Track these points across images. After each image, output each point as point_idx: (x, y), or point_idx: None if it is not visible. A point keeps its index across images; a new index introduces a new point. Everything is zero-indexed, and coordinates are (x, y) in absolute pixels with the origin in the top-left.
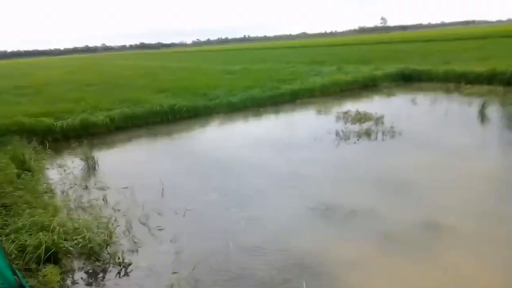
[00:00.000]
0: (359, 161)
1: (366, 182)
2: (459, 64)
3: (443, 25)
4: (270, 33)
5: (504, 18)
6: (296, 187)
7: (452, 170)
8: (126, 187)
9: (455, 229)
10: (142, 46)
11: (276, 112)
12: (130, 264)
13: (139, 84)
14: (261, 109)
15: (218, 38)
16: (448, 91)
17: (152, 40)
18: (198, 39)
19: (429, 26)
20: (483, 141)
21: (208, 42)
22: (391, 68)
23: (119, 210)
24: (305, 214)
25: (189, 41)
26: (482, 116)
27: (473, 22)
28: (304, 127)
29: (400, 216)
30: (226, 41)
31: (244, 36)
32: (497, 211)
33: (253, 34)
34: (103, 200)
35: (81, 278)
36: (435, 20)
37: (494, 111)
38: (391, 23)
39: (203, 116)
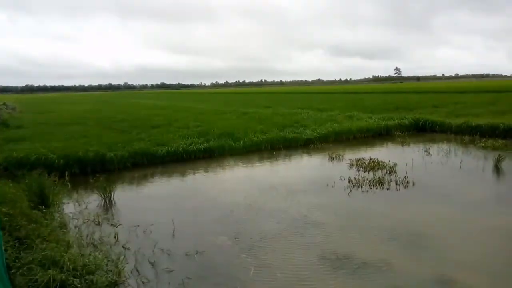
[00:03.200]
0: (371, 210)
1: (379, 233)
2: (473, 117)
3: (457, 77)
4: (287, 78)
5: None
6: (308, 234)
7: (466, 224)
8: (137, 225)
9: (471, 287)
10: (163, 86)
11: (290, 156)
12: None
13: (156, 123)
14: (275, 153)
15: (236, 81)
16: (462, 143)
17: (173, 81)
18: (216, 81)
19: (443, 77)
20: (498, 195)
21: (226, 84)
22: (405, 117)
23: (129, 249)
24: (316, 263)
25: (207, 83)
26: (498, 170)
27: (487, 75)
28: (317, 173)
29: (413, 270)
30: (243, 84)
31: (261, 80)
32: None
33: (269, 78)
34: (114, 237)
35: None
36: (449, 72)
37: (510, 165)
38: (405, 73)
39: (217, 157)
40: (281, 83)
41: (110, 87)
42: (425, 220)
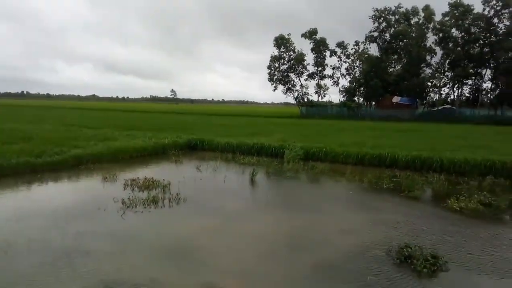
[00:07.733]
0: (145, 231)
1: (151, 252)
2: (235, 137)
3: (223, 102)
4: (55, 92)
5: (269, 101)
6: (74, 264)
7: (230, 233)
8: None
9: None
10: None
11: (56, 179)
12: None
13: None
14: (38, 175)
15: None
16: (226, 160)
17: None
18: None
19: (213, 101)
20: (253, 204)
21: None
22: (180, 137)
23: None
24: None
25: None
26: (253, 182)
27: (246, 102)
28: (87, 196)
29: (180, 284)
30: None
31: (23, 91)
32: (269, 269)
33: (33, 90)
34: None
35: None
36: (217, 97)
37: (261, 177)
38: (180, 95)
39: None
40: (48, 96)
41: None
42: (194, 234)
